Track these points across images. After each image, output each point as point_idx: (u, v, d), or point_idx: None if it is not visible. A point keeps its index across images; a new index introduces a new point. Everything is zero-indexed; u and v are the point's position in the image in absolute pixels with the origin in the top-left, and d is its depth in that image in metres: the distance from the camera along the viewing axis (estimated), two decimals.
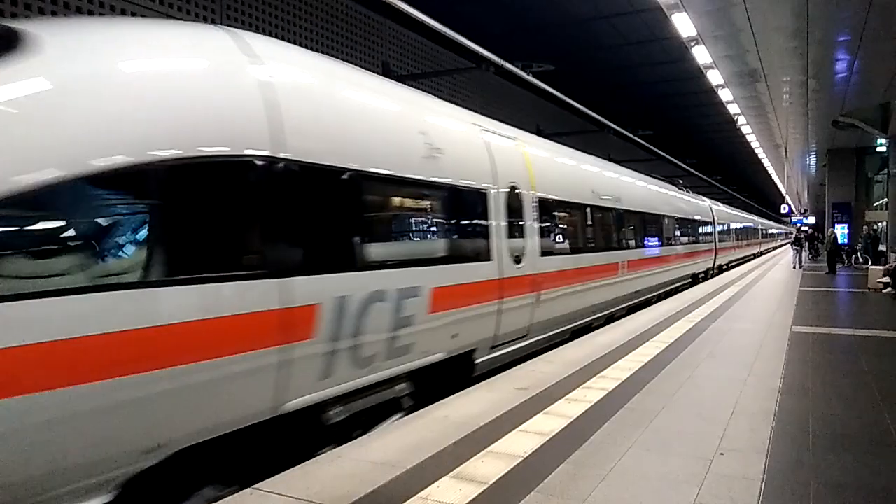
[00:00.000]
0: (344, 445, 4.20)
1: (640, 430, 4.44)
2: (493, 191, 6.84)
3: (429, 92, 8.05)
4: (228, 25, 5.47)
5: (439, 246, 6.08)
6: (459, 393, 5.55)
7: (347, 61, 6.46)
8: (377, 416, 5.15)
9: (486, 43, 12.32)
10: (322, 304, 4.26)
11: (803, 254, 25.98)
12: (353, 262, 4.64)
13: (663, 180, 19.07)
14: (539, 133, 13.17)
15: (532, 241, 7.70)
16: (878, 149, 22.36)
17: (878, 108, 18.37)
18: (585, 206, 10.01)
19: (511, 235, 7.17)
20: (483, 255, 6.63)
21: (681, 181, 22.89)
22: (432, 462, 3.84)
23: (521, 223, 7.50)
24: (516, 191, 7.44)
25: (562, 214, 9.27)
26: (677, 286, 16.97)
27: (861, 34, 11.49)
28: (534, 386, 5.69)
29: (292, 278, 4.04)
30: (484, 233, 6.68)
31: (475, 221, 6.65)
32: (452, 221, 6.24)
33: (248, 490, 3.48)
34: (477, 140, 6.95)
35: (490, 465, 3.77)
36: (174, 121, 3.55)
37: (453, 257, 6.10)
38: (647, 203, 14.14)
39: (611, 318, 10.99)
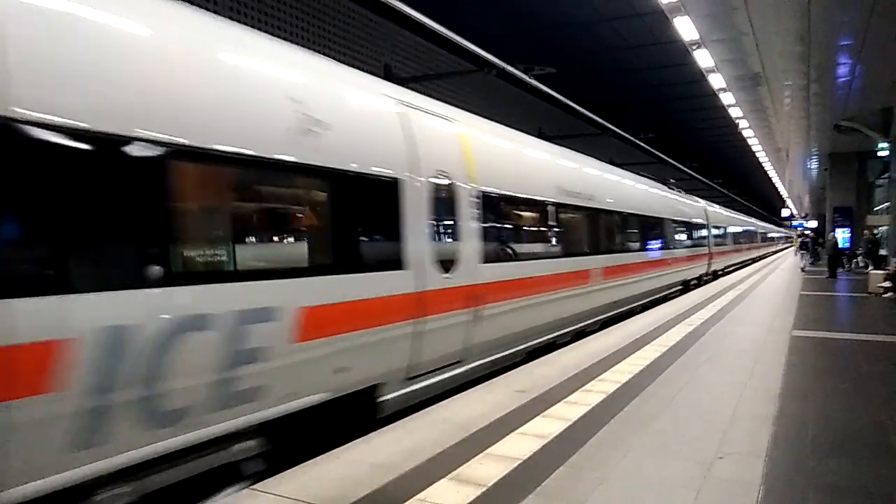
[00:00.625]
0: (342, 447, 4.20)
1: (639, 433, 4.43)
2: (409, 181, 5.43)
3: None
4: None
5: (314, 251, 4.67)
6: (459, 395, 5.55)
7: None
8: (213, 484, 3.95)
9: (488, 46, 12.33)
10: (75, 341, 2.99)
11: (806, 257, 26.02)
12: (140, 275, 3.32)
13: (654, 179, 18.20)
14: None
15: (470, 246, 6.38)
16: (880, 153, 22.33)
17: (879, 113, 18.38)
18: (547, 203, 8.57)
19: (438, 238, 5.88)
20: (390, 263, 5.23)
21: (672, 180, 21.74)
22: (431, 464, 3.84)
23: (453, 223, 6.20)
24: (448, 183, 6.11)
25: (514, 213, 8.00)
26: (667, 294, 15.75)
27: (863, 38, 11.50)
28: (533, 388, 5.69)
29: (8, 300, 2.79)
30: (391, 234, 5.27)
31: (377, 219, 5.24)
32: (338, 218, 4.74)
33: (246, 490, 3.48)
34: (389, 117, 5.50)
35: (489, 468, 3.77)
36: None
37: (338, 266, 4.67)
38: (628, 203, 12.73)
39: (581, 334, 9.57)
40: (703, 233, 20.86)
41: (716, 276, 22.92)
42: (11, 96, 2.85)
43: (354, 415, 5.01)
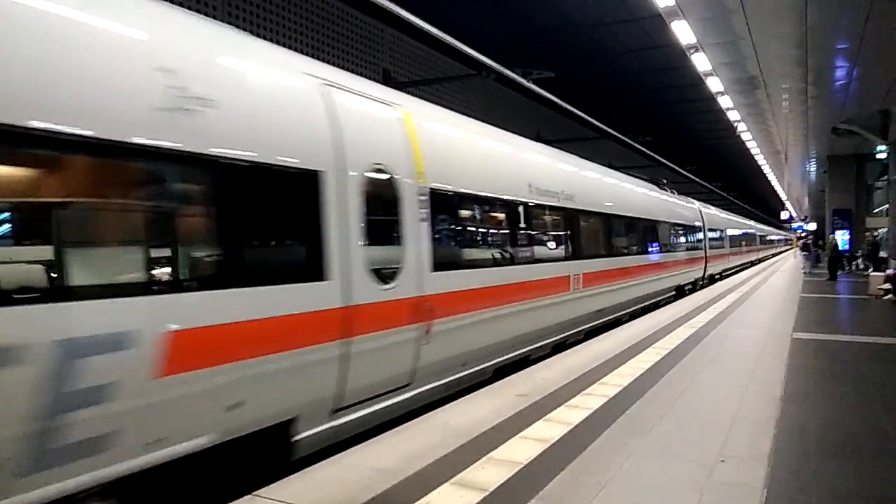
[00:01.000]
0: (344, 452, 4.18)
1: (640, 437, 4.43)
2: (333, 174, 4.59)
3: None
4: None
5: (192, 260, 3.76)
6: (460, 399, 5.54)
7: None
8: None
9: (487, 50, 12.35)
10: None
11: (807, 259, 26.13)
12: None
13: (645, 180, 17.77)
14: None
15: (417, 251, 5.56)
16: (878, 155, 22.43)
17: (877, 115, 18.44)
18: (517, 203, 7.75)
19: (374, 242, 4.99)
20: (307, 272, 4.39)
21: (664, 181, 20.82)
22: (433, 469, 3.83)
23: (396, 224, 5.39)
24: (387, 177, 5.29)
25: (474, 214, 7.16)
26: (659, 301, 15.16)
27: (860, 41, 11.54)
28: (534, 392, 5.68)
29: None
30: (308, 238, 4.44)
31: (286, 220, 4.44)
32: (227, 218, 3.89)
33: (248, 497, 3.47)
34: (307, 97, 4.67)
35: (491, 472, 3.76)
36: None
37: (227, 278, 3.81)
38: (614, 203, 11.86)
39: (561, 346, 8.93)
40: (699, 235, 20.29)
41: (712, 280, 22.59)
42: None
43: (261, 458, 4.22)
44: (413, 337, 5.48)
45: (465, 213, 6.88)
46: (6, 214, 3.10)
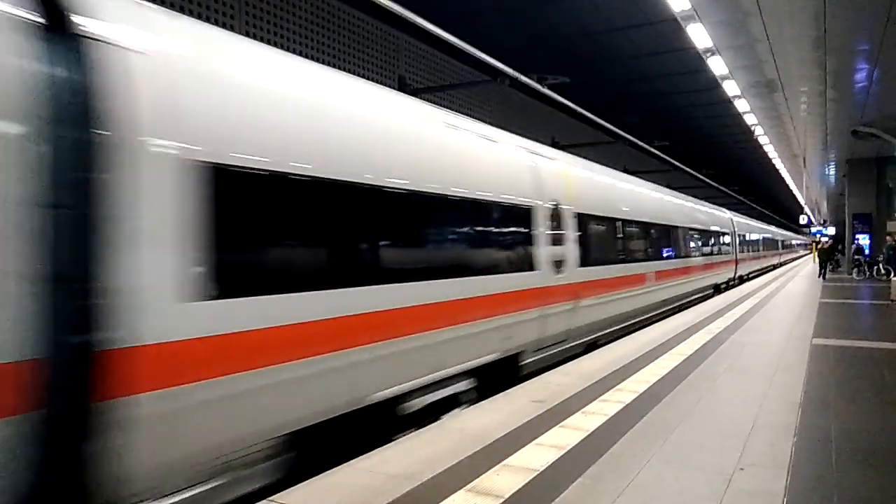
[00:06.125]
0: (359, 458, 4.19)
1: (658, 443, 4.39)
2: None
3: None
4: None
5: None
6: (475, 405, 5.52)
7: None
8: None
9: (502, 56, 12.37)
10: None
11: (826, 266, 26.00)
12: None
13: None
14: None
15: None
16: None
17: None
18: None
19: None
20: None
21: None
22: (448, 475, 3.82)
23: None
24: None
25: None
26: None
27: (881, 43, 11.39)
28: (550, 398, 5.65)
29: None
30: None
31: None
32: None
33: (264, 502, 3.49)
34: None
35: (506, 479, 3.75)
36: None
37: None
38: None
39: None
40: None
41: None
42: None
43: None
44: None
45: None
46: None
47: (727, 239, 22.46)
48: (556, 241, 7.97)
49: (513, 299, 6.90)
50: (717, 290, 20.19)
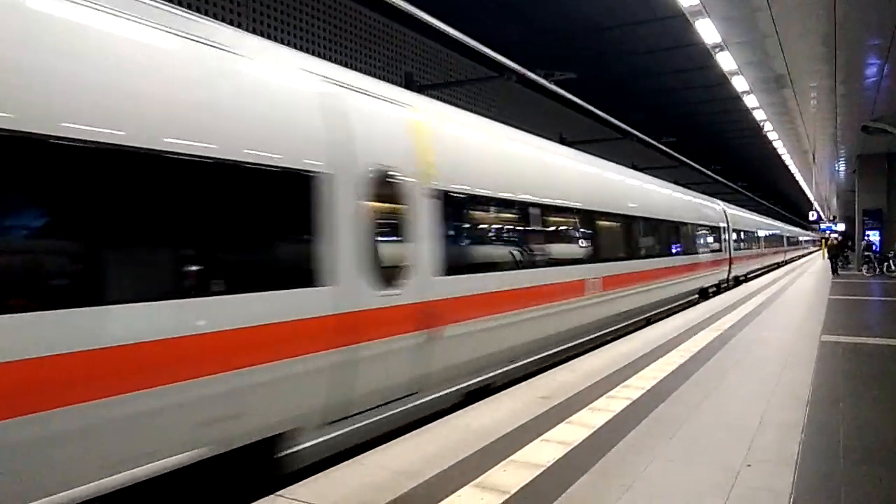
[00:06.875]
0: (366, 453, 4.21)
1: (664, 440, 4.38)
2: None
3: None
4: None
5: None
6: (481, 402, 5.53)
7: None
8: None
9: (508, 52, 12.34)
10: None
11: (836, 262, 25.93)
12: None
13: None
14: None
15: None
16: None
17: None
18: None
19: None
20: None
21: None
22: (454, 471, 3.84)
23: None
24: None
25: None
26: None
27: (892, 37, 11.29)
28: (556, 395, 5.65)
29: None
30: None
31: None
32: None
33: (271, 497, 3.51)
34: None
35: (512, 475, 3.76)
36: None
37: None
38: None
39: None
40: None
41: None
42: None
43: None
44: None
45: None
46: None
47: (718, 234, 19.27)
48: (387, 233, 5.16)
49: (241, 345, 3.76)
50: (705, 294, 17.38)
